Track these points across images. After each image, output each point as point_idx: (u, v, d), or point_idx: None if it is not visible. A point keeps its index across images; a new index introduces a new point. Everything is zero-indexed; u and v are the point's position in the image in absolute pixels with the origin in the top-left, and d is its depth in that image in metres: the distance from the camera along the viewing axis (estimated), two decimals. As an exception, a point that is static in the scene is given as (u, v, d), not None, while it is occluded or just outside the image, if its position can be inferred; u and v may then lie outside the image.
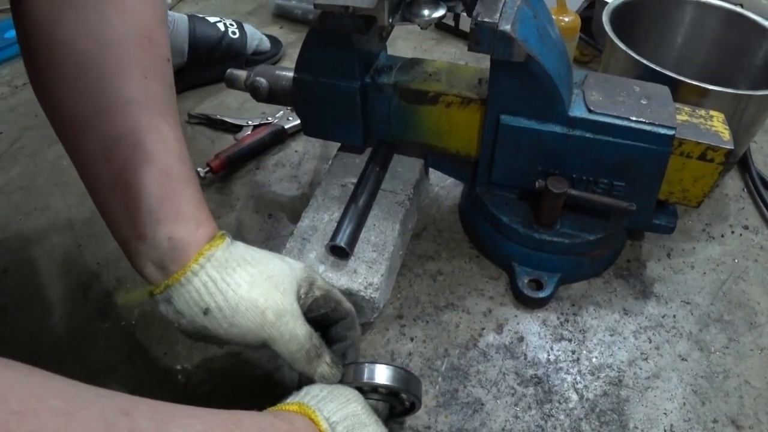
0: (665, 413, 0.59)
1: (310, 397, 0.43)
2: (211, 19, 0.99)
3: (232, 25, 1.00)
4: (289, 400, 0.43)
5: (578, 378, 0.61)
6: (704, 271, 0.72)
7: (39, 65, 0.46)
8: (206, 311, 0.44)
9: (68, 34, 0.43)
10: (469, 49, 0.57)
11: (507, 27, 0.54)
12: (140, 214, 0.44)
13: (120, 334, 0.65)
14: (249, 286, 0.45)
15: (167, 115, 0.46)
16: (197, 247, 0.45)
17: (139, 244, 0.44)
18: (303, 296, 0.49)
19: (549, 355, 0.63)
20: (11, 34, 1.12)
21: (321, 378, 0.48)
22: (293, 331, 0.46)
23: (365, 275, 0.61)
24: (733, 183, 0.84)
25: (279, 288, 0.46)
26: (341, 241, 0.61)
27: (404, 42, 1.14)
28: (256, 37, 1.03)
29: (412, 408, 0.52)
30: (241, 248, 0.48)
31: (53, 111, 0.46)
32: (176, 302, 0.44)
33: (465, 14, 0.60)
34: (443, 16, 0.59)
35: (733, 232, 0.77)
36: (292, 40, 1.13)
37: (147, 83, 0.45)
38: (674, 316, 0.67)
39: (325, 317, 0.51)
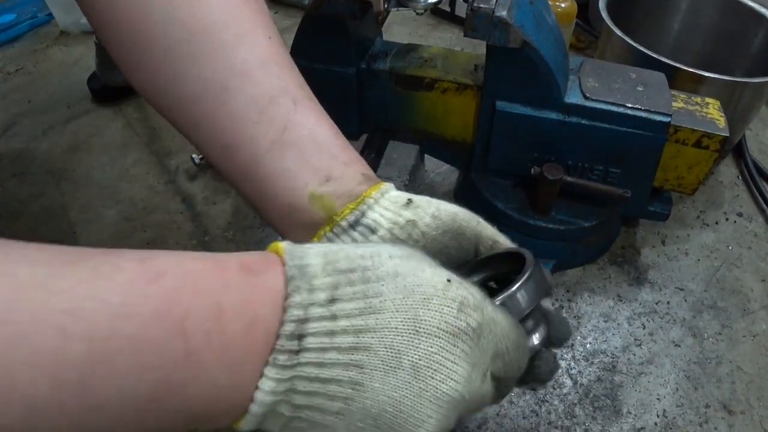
0: (658, 398, 0.59)
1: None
2: None
3: None
4: None
5: (572, 363, 0.62)
6: (698, 258, 0.72)
7: (138, 54, 0.42)
8: (409, 202, 0.40)
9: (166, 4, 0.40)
10: (465, 35, 0.56)
11: (503, 13, 0.54)
12: (325, 160, 0.40)
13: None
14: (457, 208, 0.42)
15: (299, 74, 0.44)
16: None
17: (324, 186, 0.40)
18: (482, 252, 0.44)
19: (543, 341, 0.63)
20: (2, 20, 1.11)
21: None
22: (493, 232, 0.43)
23: (361, 262, 0.61)
24: (727, 170, 0.85)
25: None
26: (337, 227, 0.61)
27: (400, 28, 1.13)
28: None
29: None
30: None
31: (175, 89, 0.42)
32: (370, 215, 0.39)
33: (461, 0, 0.60)
34: (439, 2, 0.59)
35: (727, 220, 0.77)
36: (287, 26, 1.12)
37: (272, 43, 0.43)
38: (668, 303, 0.67)
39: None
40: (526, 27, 0.56)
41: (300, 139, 0.40)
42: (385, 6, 0.59)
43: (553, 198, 0.65)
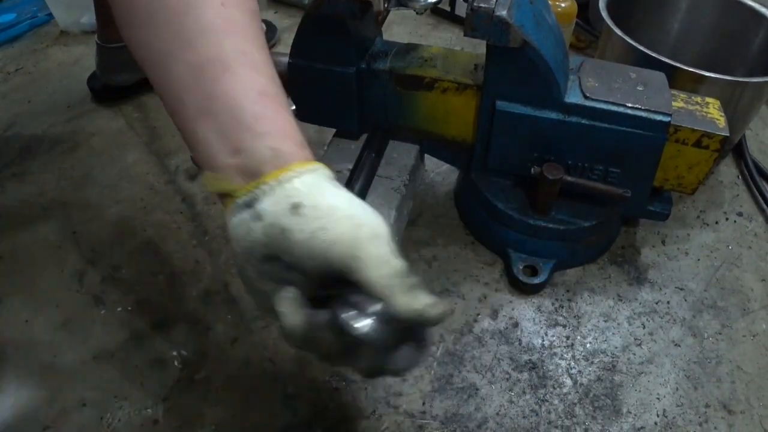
0: (658, 398, 0.59)
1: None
2: None
3: None
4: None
5: (572, 363, 0.62)
6: (698, 257, 0.72)
7: (122, 10, 0.44)
8: (296, 207, 0.39)
9: None
10: (465, 35, 0.56)
11: (503, 12, 0.54)
12: (236, 130, 0.41)
13: (115, 320, 0.65)
14: (348, 202, 0.41)
15: (253, 38, 0.44)
16: (302, 161, 0.42)
17: (233, 158, 0.41)
18: None
19: (543, 341, 0.63)
20: (2, 19, 1.11)
21: (428, 310, 0.39)
22: (387, 254, 0.40)
23: (361, 261, 0.61)
24: (727, 170, 0.85)
25: (376, 214, 0.42)
26: (337, 227, 0.61)
27: (400, 27, 1.13)
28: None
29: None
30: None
31: (140, 50, 0.45)
32: (262, 201, 0.39)
33: (461, 0, 0.60)
34: (439, 2, 0.59)
35: (727, 219, 0.77)
36: (288, 25, 1.12)
37: (224, 9, 0.43)
38: (668, 303, 0.67)
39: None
40: (526, 26, 0.56)
41: (221, 108, 0.41)
42: (385, 6, 0.59)
43: (553, 198, 0.65)
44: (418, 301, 0.39)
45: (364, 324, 0.38)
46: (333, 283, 0.40)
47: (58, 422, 0.57)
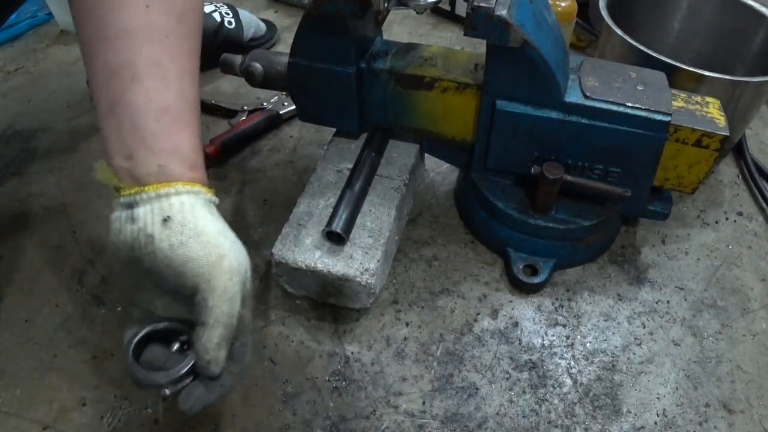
0: (658, 398, 0.59)
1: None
2: (206, 9, 0.97)
3: (228, 14, 0.98)
4: None
5: (572, 363, 0.62)
6: (698, 257, 0.72)
7: None
8: (167, 219, 0.42)
9: None
10: (465, 34, 0.56)
11: (503, 12, 0.54)
12: (132, 140, 0.44)
13: (115, 319, 0.65)
14: (219, 231, 0.44)
15: (172, 47, 0.45)
16: (186, 182, 0.45)
17: (125, 162, 0.44)
18: None
19: (543, 340, 0.63)
20: (3, 18, 1.11)
21: (213, 368, 0.44)
22: (236, 295, 0.43)
23: (361, 261, 0.61)
24: (728, 169, 0.85)
25: (243, 253, 0.45)
26: (337, 226, 0.61)
27: (400, 27, 1.13)
28: (252, 24, 1.02)
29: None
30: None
31: (78, 33, 0.47)
32: (138, 207, 0.43)
33: (461, -1, 0.60)
34: (439, 1, 0.59)
35: (727, 219, 0.77)
36: (288, 24, 1.12)
37: (149, 13, 0.44)
38: (668, 302, 0.67)
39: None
40: (526, 26, 0.55)
41: (124, 116, 0.44)
42: (385, 5, 0.59)
43: (553, 197, 0.65)
44: (218, 356, 0.44)
45: (168, 393, 0.45)
46: (180, 299, 0.45)
47: (58, 422, 0.57)
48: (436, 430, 0.56)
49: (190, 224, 0.43)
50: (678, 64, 0.71)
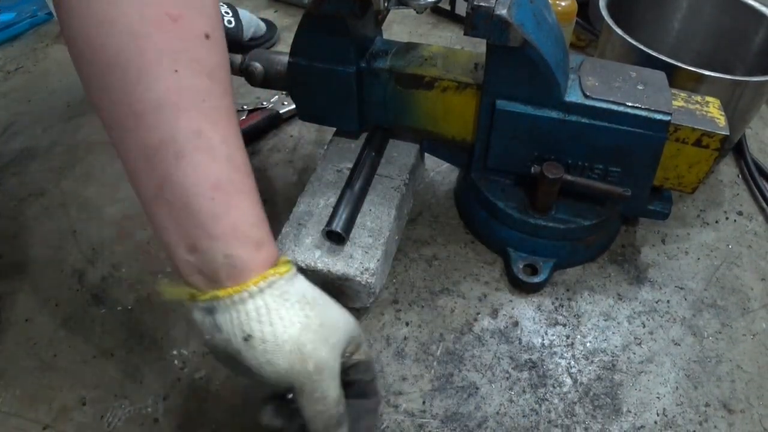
0: (658, 397, 0.59)
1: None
2: None
3: (227, 13, 0.99)
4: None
5: (572, 362, 0.62)
6: (698, 256, 0.72)
7: (82, 70, 0.41)
8: (248, 338, 0.40)
9: (81, 28, 0.39)
10: (465, 34, 0.56)
11: (503, 11, 0.54)
12: (191, 226, 0.40)
13: (116, 319, 0.65)
14: (301, 327, 0.41)
15: (210, 112, 0.41)
16: (258, 270, 0.41)
17: (190, 256, 0.40)
18: (346, 355, 0.45)
19: (543, 340, 0.63)
20: (2, 18, 1.11)
21: None
22: (326, 391, 0.42)
23: (361, 260, 0.61)
24: (728, 169, 0.85)
25: (329, 340, 0.42)
26: (337, 226, 0.61)
27: (400, 26, 1.13)
28: (252, 23, 1.02)
29: None
30: (303, 283, 0.44)
31: (100, 114, 0.42)
32: (218, 316, 0.40)
33: (461, -2, 0.60)
34: (439, 1, 0.59)
35: (727, 218, 0.77)
36: (288, 24, 1.12)
37: (179, 78, 0.39)
38: (668, 302, 0.67)
39: (355, 387, 0.46)
40: (526, 25, 0.55)
41: (175, 200, 0.40)
42: (385, 5, 0.59)
43: (553, 197, 0.65)
44: None
45: None
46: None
47: (58, 422, 0.57)
48: (436, 430, 0.56)
49: (269, 339, 0.40)
50: (678, 64, 0.71)
